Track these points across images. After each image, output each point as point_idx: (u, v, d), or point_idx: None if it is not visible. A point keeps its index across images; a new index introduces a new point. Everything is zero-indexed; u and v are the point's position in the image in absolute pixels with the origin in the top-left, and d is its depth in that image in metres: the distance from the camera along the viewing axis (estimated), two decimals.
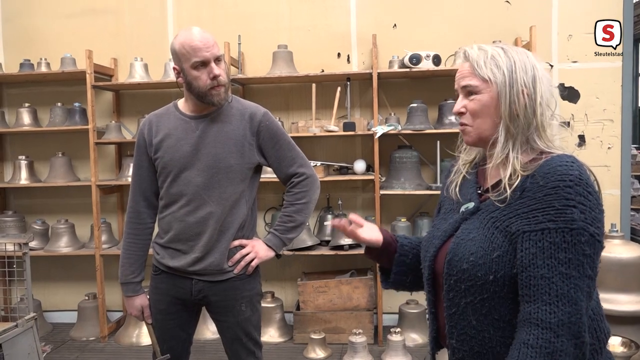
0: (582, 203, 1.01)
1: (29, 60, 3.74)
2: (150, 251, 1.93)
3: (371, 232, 1.34)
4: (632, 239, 3.68)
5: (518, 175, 1.09)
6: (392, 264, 1.35)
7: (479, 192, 1.21)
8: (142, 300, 1.91)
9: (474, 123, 1.17)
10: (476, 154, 1.28)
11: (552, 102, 1.15)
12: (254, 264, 1.85)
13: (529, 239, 1.03)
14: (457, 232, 1.17)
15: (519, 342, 1.03)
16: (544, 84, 1.14)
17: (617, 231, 2.98)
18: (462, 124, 1.19)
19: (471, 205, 1.19)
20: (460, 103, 1.18)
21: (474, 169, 1.27)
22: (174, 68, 1.78)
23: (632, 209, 4.06)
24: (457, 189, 1.26)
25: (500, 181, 1.13)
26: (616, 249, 2.86)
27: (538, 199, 1.04)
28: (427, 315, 1.29)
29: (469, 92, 1.16)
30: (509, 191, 1.09)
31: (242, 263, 1.83)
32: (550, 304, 0.99)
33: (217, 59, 1.73)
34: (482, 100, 1.15)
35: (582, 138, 3.59)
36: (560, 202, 1.02)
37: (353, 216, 1.35)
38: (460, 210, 1.21)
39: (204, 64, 1.71)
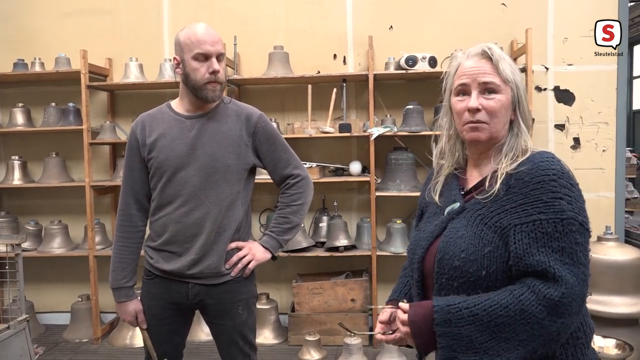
0: (568, 195, 1.06)
1: (23, 60, 3.72)
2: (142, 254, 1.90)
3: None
4: (627, 242, 3.70)
5: (504, 173, 1.13)
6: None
7: (462, 193, 1.24)
8: (135, 305, 1.86)
9: (491, 122, 1.17)
10: (459, 155, 1.29)
11: None
12: (251, 266, 1.83)
13: (520, 231, 1.06)
14: (445, 232, 1.19)
15: (509, 288, 1.06)
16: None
17: (611, 233, 2.98)
18: (477, 121, 1.17)
19: (456, 205, 1.21)
20: (477, 100, 1.16)
21: (456, 171, 1.29)
22: (174, 58, 1.78)
23: (626, 212, 4.09)
24: (440, 191, 1.29)
25: (481, 181, 1.18)
26: (611, 252, 2.87)
27: (525, 194, 1.08)
28: None
29: (489, 90, 1.16)
30: (496, 186, 1.12)
31: (239, 265, 1.81)
32: (547, 282, 1.02)
33: (219, 57, 1.74)
34: (501, 100, 1.16)
35: (577, 141, 3.61)
36: (547, 195, 1.06)
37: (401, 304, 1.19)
38: (446, 211, 1.24)
39: (206, 57, 1.71)
